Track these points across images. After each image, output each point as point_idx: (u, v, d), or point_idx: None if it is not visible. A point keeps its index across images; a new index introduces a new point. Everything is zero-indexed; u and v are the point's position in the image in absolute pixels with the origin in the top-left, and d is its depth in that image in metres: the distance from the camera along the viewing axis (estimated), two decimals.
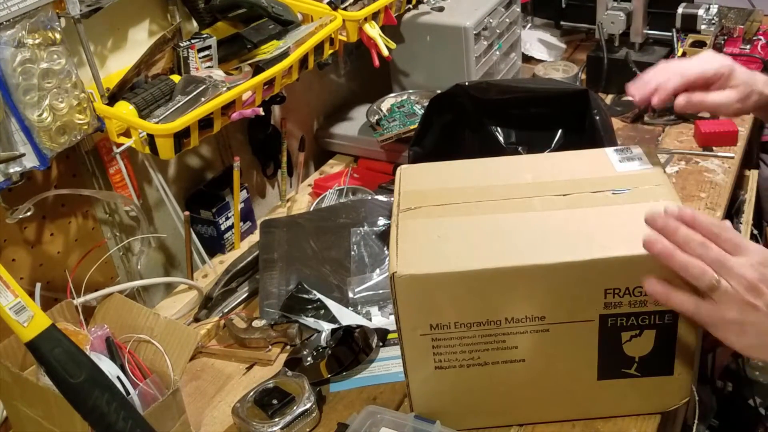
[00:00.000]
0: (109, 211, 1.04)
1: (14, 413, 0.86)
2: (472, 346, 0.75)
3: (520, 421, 0.82)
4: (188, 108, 0.92)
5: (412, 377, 0.78)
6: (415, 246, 0.74)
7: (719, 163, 1.26)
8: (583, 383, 0.78)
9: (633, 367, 0.77)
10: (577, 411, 0.81)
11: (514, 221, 0.76)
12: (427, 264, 0.72)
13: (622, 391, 0.79)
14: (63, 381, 0.69)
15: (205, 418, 0.89)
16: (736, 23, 1.50)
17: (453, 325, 0.74)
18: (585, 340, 0.75)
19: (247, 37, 1.05)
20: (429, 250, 0.74)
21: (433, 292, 0.72)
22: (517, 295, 0.72)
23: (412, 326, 0.74)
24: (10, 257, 0.91)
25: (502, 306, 0.73)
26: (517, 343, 0.75)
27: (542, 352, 0.76)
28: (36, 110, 0.83)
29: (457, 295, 0.72)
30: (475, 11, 1.33)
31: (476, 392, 0.79)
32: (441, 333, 0.74)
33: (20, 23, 0.80)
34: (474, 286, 0.72)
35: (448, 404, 0.80)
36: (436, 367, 0.77)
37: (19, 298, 0.70)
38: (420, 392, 0.79)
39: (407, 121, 1.27)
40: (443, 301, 0.73)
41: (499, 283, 0.72)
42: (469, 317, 0.73)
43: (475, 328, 0.74)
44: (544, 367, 0.77)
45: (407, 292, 0.72)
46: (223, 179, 1.17)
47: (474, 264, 0.71)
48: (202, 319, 1.03)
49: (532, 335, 0.74)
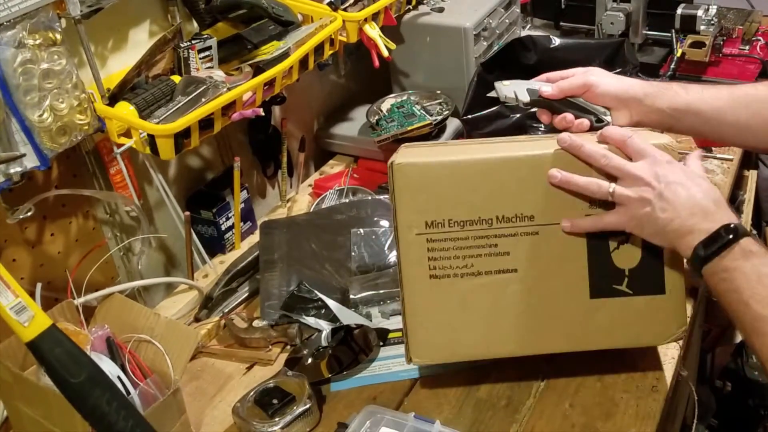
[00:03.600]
0: (110, 212, 1.04)
1: (15, 413, 0.86)
2: (466, 250, 0.78)
3: (516, 352, 0.82)
4: (189, 108, 0.92)
5: (409, 293, 0.79)
6: (412, 152, 0.81)
7: (718, 163, 1.27)
8: (576, 303, 0.79)
9: (624, 282, 0.79)
10: (573, 339, 0.81)
11: (506, 143, 0.85)
12: (423, 157, 0.79)
13: (617, 314, 0.80)
14: (63, 381, 0.69)
15: (206, 418, 0.89)
16: (735, 24, 1.50)
17: (447, 223, 0.77)
18: (574, 247, 0.78)
19: (248, 38, 1.05)
20: (425, 153, 0.81)
21: (429, 182, 0.77)
22: (506, 191, 0.77)
23: (408, 224, 0.78)
24: (10, 257, 0.92)
25: (493, 202, 0.77)
26: (508, 248, 0.78)
27: (534, 260, 0.78)
28: (36, 111, 0.83)
29: (451, 187, 0.77)
30: (475, 12, 1.33)
31: (470, 312, 0.80)
32: (435, 233, 0.77)
33: (21, 24, 0.80)
34: (466, 178, 0.77)
35: (444, 330, 0.80)
36: (431, 276, 0.78)
37: (20, 298, 0.70)
38: (416, 316, 0.80)
39: (405, 121, 1.27)
40: (438, 193, 0.77)
41: (490, 176, 0.77)
42: (462, 215, 0.77)
43: (468, 227, 0.77)
44: (536, 280, 0.79)
45: (404, 181, 0.77)
46: (224, 179, 1.17)
47: (466, 156, 0.78)
48: (202, 319, 1.03)
49: (522, 238, 0.78)
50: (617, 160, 0.76)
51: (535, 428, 0.81)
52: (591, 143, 0.77)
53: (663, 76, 1.43)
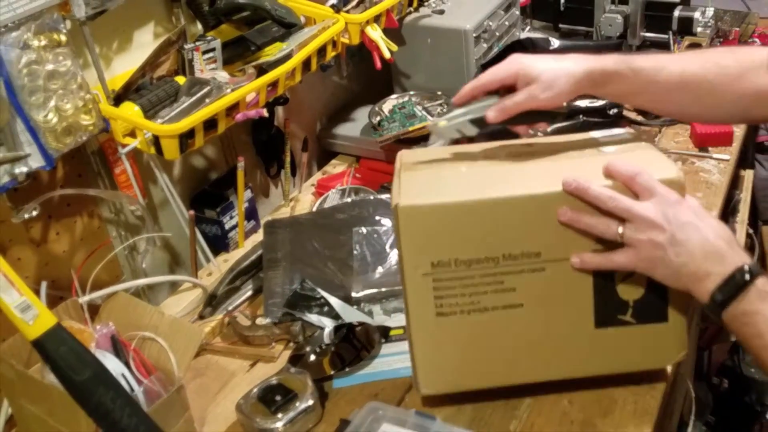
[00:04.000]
0: (115, 211, 1.04)
1: (19, 411, 0.86)
2: (472, 288, 0.77)
3: (520, 380, 0.82)
4: (193, 109, 0.93)
5: (415, 331, 0.79)
6: (417, 184, 0.78)
7: (715, 163, 1.27)
8: (581, 332, 0.79)
9: (628, 312, 0.79)
10: (577, 366, 0.82)
11: (509, 167, 0.81)
12: (428, 196, 0.75)
13: (620, 342, 0.80)
14: (68, 379, 0.69)
15: (209, 415, 0.90)
16: (731, 26, 1.51)
17: (453, 262, 0.76)
18: (580, 281, 0.77)
19: (251, 40, 1.06)
20: (430, 187, 0.78)
21: (434, 224, 0.75)
22: (513, 229, 0.75)
23: (414, 265, 0.76)
24: (16, 256, 0.92)
25: (500, 241, 0.75)
26: (514, 284, 0.77)
27: (540, 295, 0.78)
28: (42, 111, 0.83)
29: (456, 228, 0.75)
30: (475, 14, 1.34)
31: (477, 345, 0.80)
32: (442, 272, 0.76)
33: (26, 25, 0.81)
34: (472, 218, 0.75)
35: (450, 362, 0.80)
36: (437, 313, 0.77)
37: (25, 297, 0.70)
38: (422, 350, 0.80)
39: (407, 122, 1.28)
40: (444, 233, 0.75)
41: (496, 215, 0.75)
42: (468, 254, 0.76)
43: (474, 266, 0.76)
44: (542, 313, 0.78)
45: (409, 223, 0.74)
46: (228, 179, 1.18)
47: (472, 195, 0.75)
48: (206, 317, 1.04)
49: (529, 275, 0.76)
50: (625, 201, 0.72)
51: (535, 424, 0.82)
52: (597, 185, 0.73)
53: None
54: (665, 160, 0.80)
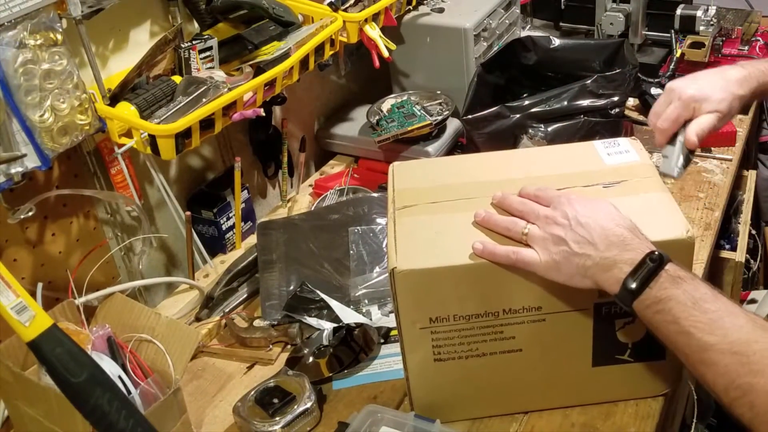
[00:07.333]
0: (111, 211, 1.04)
1: (15, 413, 0.86)
2: (471, 338, 0.76)
3: (517, 409, 0.83)
4: (189, 109, 0.92)
5: (412, 370, 0.79)
6: (413, 242, 0.75)
7: (717, 163, 1.27)
8: (578, 370, 0.80)
9: (626, 353, 0.79)
10: (573, 397, 0.82)
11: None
12: (426, 259, 0.73)
13: (616, 377, 0.80)
14: (64, 380, 0.69)
15: (206, 418, 0.90)
16: (734, 24, 1.51)
17: (452, 318, 0.75)
18: (580, 328, 0.77)
19: (248, 38, 1.06)
20: (427, 246, 0.75)
21: (433, 286, 0.73)
22: (514, 288, 0.74)
23: (411, 320, 0.75)
24: (11, 257, 0.92)
25: (500, 298, 0.74)
26: (514, 333, 0.76)
27: (539, 341, 0.77)
28: (37, 111, 0.83)
29: (455, 289, 0.74)
30: (475, 12, 1.34)
31: (474, 383, 0.80)
32: (440, 326, 0.75)
33: (22, 24, 0.80)
34: (472, 280, 0.73)
35: (447, 396, 0.81)
36: (435, 359, 0.77)
37: (21, 298, 0.70)
38: (419, 385, 0.80)
39: (406, 122, 1.28)
40: (442, 294, 0.74)
41: (497, 276, 0.73)
42: (468, 310, 0.75)
43: (474, 320, 0.75)
44: (540, 355, 0.78)
45: (407, 287, 0.73)
46: (225, 179, 1.17)
47: (471, 258, 0.73)
48: (203, 319, 1.03)
49: (529, 325, 0.76)
50: (531, 205, 0.75)
51: (535, 427, 0.82)
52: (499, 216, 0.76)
53: (663, 77, 1.43)
54: (671, 208, 0.77)
